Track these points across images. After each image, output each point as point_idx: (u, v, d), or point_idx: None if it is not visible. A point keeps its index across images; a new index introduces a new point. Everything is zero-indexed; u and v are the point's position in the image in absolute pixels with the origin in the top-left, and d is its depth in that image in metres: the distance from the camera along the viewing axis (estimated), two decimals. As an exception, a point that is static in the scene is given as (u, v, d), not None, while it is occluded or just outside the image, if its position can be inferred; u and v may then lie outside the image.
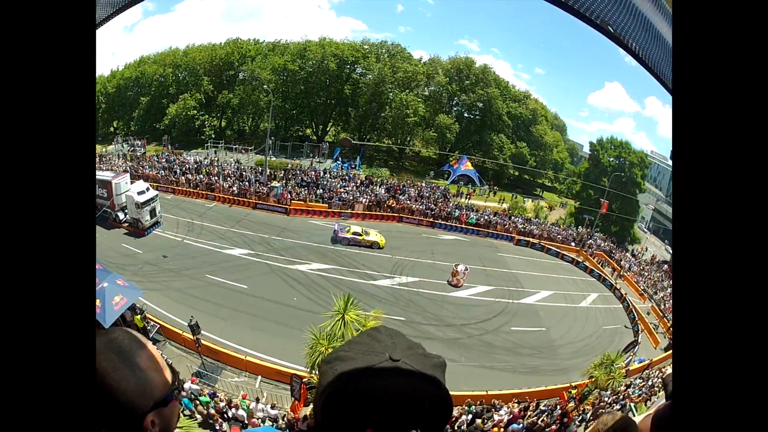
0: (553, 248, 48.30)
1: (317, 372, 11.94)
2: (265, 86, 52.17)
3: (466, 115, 63.85)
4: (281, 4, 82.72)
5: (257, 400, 17.10)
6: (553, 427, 20.39)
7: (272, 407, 16.95)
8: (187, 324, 18.92)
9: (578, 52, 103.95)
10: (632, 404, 25.41)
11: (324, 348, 14.44)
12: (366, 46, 59.93)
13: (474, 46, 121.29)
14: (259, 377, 19.76)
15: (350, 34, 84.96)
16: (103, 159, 45.25)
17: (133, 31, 67.63)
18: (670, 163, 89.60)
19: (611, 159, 61.16)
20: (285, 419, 16.23)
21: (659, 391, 27.36)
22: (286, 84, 57.13)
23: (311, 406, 15.15)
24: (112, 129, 59.75)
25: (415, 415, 1.00)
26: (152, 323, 20.39)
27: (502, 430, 19.56)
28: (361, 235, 35.80)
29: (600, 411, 23.16)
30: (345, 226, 36.82)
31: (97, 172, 32.19)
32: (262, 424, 14.97)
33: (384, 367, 1.01)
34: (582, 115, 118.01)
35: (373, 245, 35.77)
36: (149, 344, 1.21)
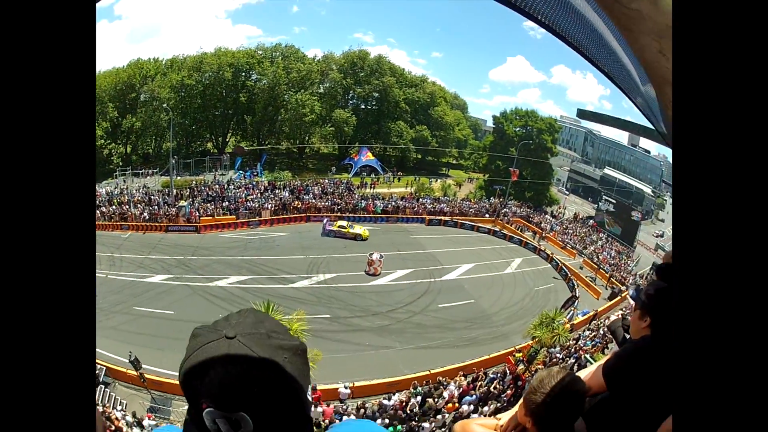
0: (467, 222, 49.75)
1: None
2: (164, 105, 50.90)
3: (362, 106, 64.87)
4: (179, 19, 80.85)
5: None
6: (509, 392, 20.71)
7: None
8: (128, 361, 18.88)
9: (477, 32, 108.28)
10: (587, 356, 25.21)
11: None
12: (260, 51, 59.71)
13: (369, 38, 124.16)
14: (206, 399, 19.34)
15: (246, 41, 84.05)
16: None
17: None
18: (582, 123, 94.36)
19: (517, 129, 63.59)
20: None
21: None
22: (185, 100, 55.85)
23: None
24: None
25: (241, 397, 0.96)
26: (99, 366, 20.03)
27: (456, 405, 19.71)
28: (345, 228, 40.10)
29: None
30: (332, 222, 40.95)
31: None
32: None
33: (213, 347, 0.99)
34: (483, 91, 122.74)
35: (356, 237, 39.79)
36: None
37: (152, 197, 41.96)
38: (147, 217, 39.06)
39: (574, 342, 26.95)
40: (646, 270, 49.14)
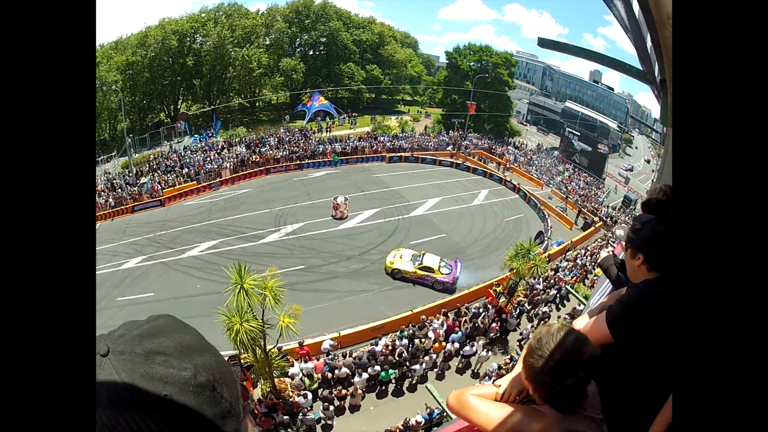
0: (428, 157, 49.17)
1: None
2: (113, 87, 49.38)
3: (311, 53, 64.43)
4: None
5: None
6: (494, 325, 21.03)
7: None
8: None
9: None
10: (568, 287, 26.05)
11: (238, 323, 13.28)
12: (204, 14, 57.82)
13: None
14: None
15: (190, 7, 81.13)
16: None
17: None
18: (540, 59, 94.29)
19: (471, 64, 62.93)
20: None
21: (594, 268, 27.60)
22: (132, 77, 54.10)
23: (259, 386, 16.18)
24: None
25: None
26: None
27: (444, 344, 19.55)
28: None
29: (536, 299, 24.24)
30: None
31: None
32: None
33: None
34: (434, 29, 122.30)
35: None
36: None
37: (114, 182, 40.01)
38: (113, 203, 37.38)
39: (553, 273, 27.26)
40: (619, 202, 49.24)
